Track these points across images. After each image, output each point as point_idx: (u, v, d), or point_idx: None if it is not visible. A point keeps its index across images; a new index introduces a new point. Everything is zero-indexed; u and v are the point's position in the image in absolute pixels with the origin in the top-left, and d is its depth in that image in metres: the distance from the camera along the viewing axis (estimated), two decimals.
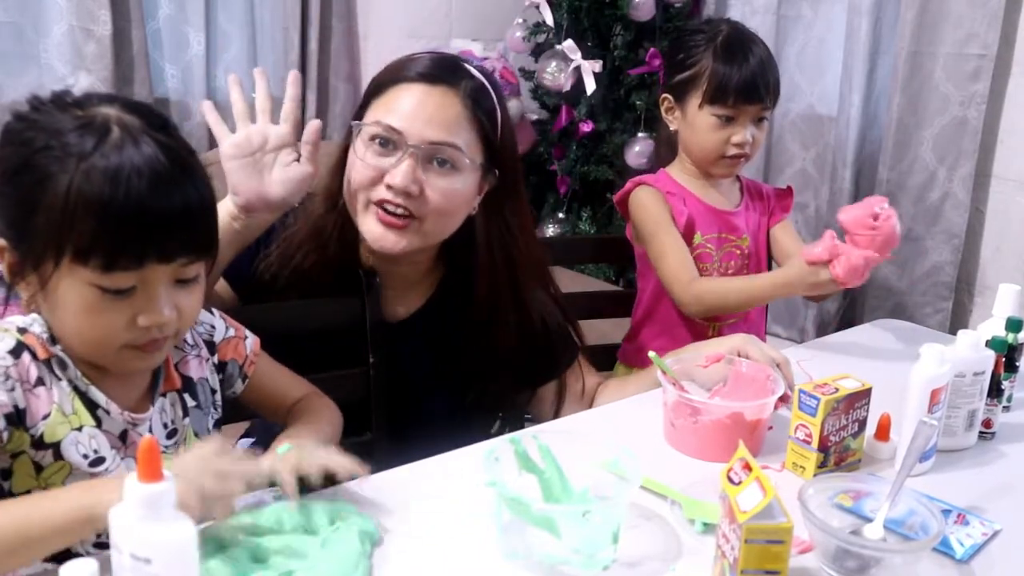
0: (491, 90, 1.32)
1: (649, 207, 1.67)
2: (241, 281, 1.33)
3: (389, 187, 1.24)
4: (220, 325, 1.11)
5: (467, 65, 1.32)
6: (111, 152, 0.87)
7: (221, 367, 1.11)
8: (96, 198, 0.86)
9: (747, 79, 1.62)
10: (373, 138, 1.26)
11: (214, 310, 1.12)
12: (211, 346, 1.10)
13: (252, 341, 1.14)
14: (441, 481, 1.10)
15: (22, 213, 0.89)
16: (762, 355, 1.30)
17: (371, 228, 1.27)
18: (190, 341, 1.07)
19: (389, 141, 1.25)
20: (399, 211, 1.26)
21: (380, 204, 1.26)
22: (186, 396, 1.05)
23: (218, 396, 1.10)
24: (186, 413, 1.05)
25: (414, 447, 1.16)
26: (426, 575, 0.93)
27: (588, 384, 1.48)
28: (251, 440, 1.57)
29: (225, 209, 1.17)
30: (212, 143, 2.89)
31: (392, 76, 1.29)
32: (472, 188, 1.30)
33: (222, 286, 1.32)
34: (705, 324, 1.71)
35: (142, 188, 0.87)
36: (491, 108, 1.31)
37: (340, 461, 0.98)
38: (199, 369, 1.07)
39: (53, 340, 0.94)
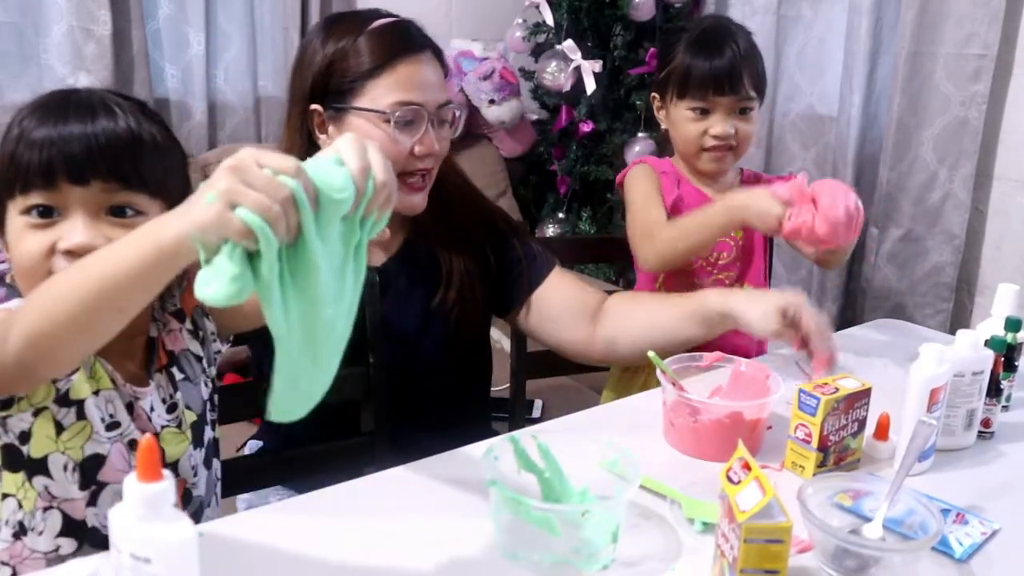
0: None
1: (638, 180, 1.69)
2: None
3: (424, 156, 1.33)
4: (176, 290, 1.11)
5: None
6: (47, 97, 0.93)
7: (196, 330, 1.10)
8: (20, 133, 0.91)
9: (718, 70, 1.62)
10: (400, 120, 1.31)
11: None
12: (179, 315, 1.10)
13: None
14: (441, 481, 1.10)
15: None
16: (812, 320, 1.29)
17: (407, 200, 1.36)
18: (160, 319, 1.08)
19: (415, 118, 1.32)
20: (422, 174, 1.36)
21: (409, 174, 1.34)
22: (173, 370, 1.07)
23: (206, 363, 1.11)
24: (176, 388, 1.07)
25: (414, 447, 1.16)
26: (426, 575, 0.93)
27: (584, 297, 1.50)
28: (260, 443, 1.57)
29: None
30: (212, 143, 2.91)
31: (385, 55, 1.32)
32: None
33: None
34: None
35: (58, 112, 0.91)
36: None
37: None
38: (176, 342, 1.08)
39: None
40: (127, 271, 0.77)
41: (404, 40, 1.34)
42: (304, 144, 1.35)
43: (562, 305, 1.50)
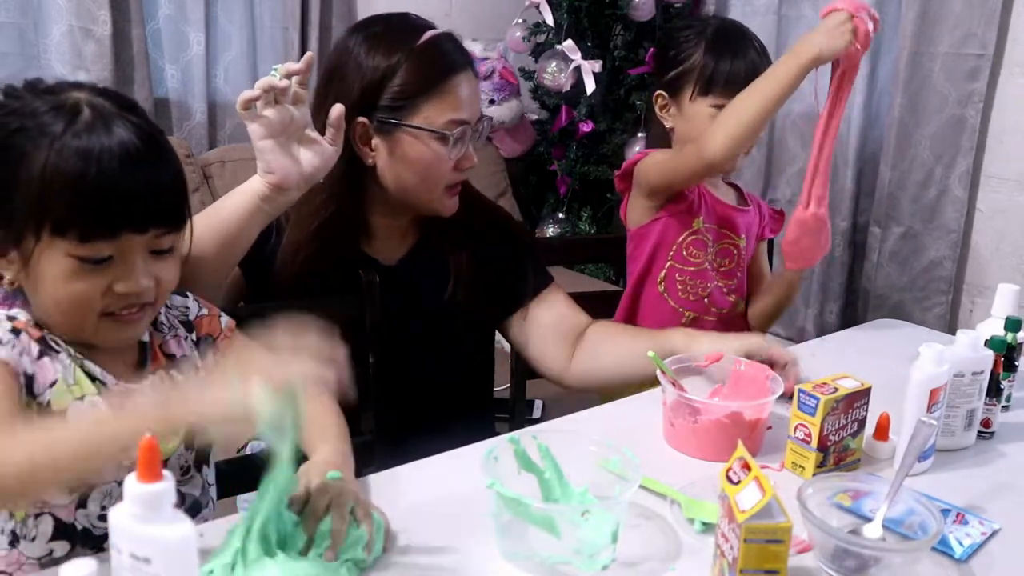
0: None
1: (658, 154, 1.68)
2: (254, 267, 1.35)
3: (463, 169, 1.38)
4: (194, 305, 1.13)
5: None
6: (83, 131, 0.91)
7: (198, 344, 1.12)
8: (69, 175, 0.90)
9: (741, 68, 1.62)
10: (454, 138, 1.33)
11: (188, 293, 1.13)
12: (188, 325, 1.12)
13: (227, 320, 1.15)
14: (441, 481, 1.10)
15: (1, 192, 0.92)
16: (784, 355, 1.33)
17: (449, 204, 1.41)
18: (166, 322, 1.09)
19: (463, 135, 1.35)
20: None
21: (454, 185, 1.39)
22: (173, 372, 1.07)
23: (202, 374, 1.11)
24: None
25: (414, 447, 1.16)
26: (426, 575, 0.93)
27: (572, 320, 1.52)
28: (261, 444, 1.57)
29: (253, 190, 1.20)
30: (212, 143, 2.91)
31: (438, 74, 1.33)
32: None
33: (235, 271, 1.33)
34: (680, 313, 1.72)
35: (114, 165, 0.91)
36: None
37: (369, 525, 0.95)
38: (179, 348, 1.09)
39: (39, 327, 0.97)
40: (83, 467, 0.84)
41: (452, 58, 1.35)
42: (344, 154, 1.31)
43: (551, 324, 1.51)
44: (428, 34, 1.35)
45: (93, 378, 0.99)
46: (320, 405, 1.13)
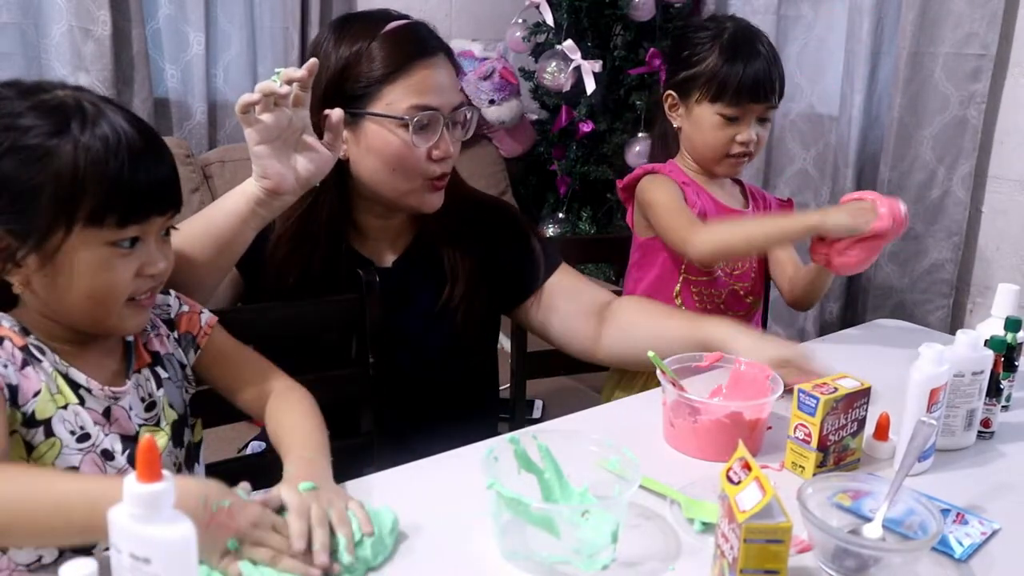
0: None
1: (663, 187, 1.67)
2: (251, 268, 1.36)
3: (441, 160, 1.35)
4: (175, 303, 1.14)
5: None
6: (98, 123, 0.94)
7: (179, 342, 1.14)
8: (101, 165, 0.93)
9: (753, 77, 1.62)
10: (417, 124, 1.31)
11: (171, 291, 1.14)
12: (170, 323, 1.13)
13: (207, 316, 1.16)
14: (441, 481, 1.10)
15: (18, 194, 0.92)
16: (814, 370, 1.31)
17: (429, 200, 1.38)
18: (149, 320, 1.10)
19: (431, 121, 1.32)
20: (443, 175, 1.38)
21: (433, 177, 1.36)
22: (157, 369, 1.09)
23: (188, 371, 1.14)
24: (160, 385, 1.08)
25: (415, 447, 1.16)
26: (426, 575, 0.93)
27: (593, 295, 1.53)
28: (263, 445, 1.57)
29: (248, 196, 1.19)
30: (212, 143, 2.90)
31: (400, 58, 1.31)
32: None
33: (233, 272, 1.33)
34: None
35: (137, 150, 0.96)
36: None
37: (346, 530, 0.93)
38: (163, 346, 1.11)
39: (26, 332, 0.98)
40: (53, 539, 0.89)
41: (419, 43, 1.34)
42: None
43: (570, 300, 1.51)
44: (395, 22, 1.34)
45: (77, 386, 0.99)
46: (289, 409, 1.14)
